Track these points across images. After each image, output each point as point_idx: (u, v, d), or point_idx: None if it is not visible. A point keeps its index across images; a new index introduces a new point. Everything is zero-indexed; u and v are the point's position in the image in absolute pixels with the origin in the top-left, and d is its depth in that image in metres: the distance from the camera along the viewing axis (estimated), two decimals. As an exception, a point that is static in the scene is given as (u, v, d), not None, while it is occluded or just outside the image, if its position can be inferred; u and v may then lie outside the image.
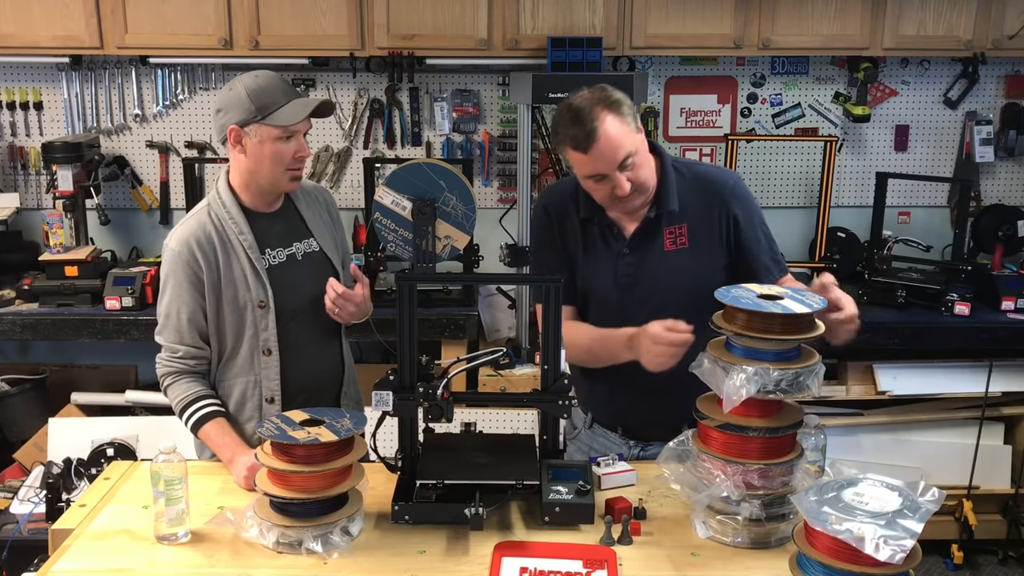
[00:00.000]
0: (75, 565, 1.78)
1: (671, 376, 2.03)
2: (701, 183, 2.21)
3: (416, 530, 1.88)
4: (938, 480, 3.52)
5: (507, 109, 4.08)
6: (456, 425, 2.12)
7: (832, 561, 1.50)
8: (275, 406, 2.27)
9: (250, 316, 2.24)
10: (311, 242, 2.35)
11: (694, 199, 2.19)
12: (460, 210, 2.18)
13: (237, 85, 2.17)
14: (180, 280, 2.20)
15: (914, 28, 3.76)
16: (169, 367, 2.23)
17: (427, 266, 2.21)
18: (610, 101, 2.03)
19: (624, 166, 2.03)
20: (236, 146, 2.19)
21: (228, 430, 2.18)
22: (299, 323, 2.30)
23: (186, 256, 2.19)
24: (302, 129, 2.21)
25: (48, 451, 3.59)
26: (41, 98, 4.02)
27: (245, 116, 2.15)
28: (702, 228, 2.18)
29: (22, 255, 3.92)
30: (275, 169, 2.19)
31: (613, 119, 2.01)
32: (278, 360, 2.27)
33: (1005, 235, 4.04)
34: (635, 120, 2.07)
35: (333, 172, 4.11)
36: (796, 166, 4.22)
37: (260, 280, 2.22)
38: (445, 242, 2.21)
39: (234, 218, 2.23)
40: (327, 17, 3.66)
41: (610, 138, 2.00)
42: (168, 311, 2.22)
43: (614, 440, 2.34)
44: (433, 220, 2.15)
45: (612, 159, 2.02)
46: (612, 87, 2.08)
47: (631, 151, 2.03)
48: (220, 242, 2.21)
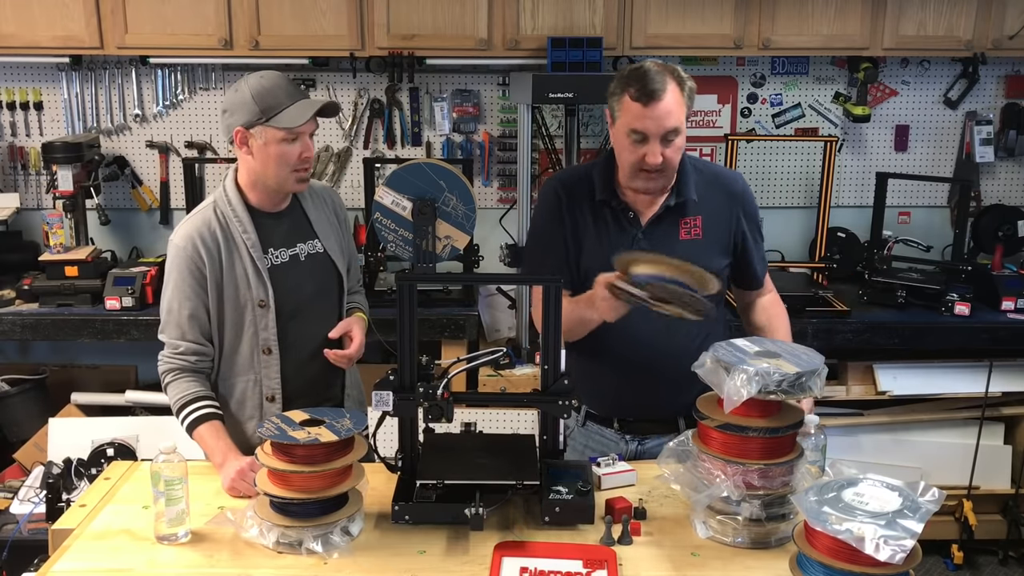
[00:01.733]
0: (75, 565, 1.78)
1: (665, 363, 2.14)
2: (717, 181, 2.27)
3: (416, 530, 1.88)
4: (938, 480, 3.52)
5: (507, 109, 4.08)
6: (456, 425, 2.12)
7: (832, 561, 1.50)
8: (276, 405, 2.27)
9: (250, 315, 2.24)
10: (315, 243, 2.35)
11: (710, 195, 2.24)
12: (460, 210, 2.18)
13: (243, 86, 2.18)
14: (183, 276, 2.20)
15: (914, 28, 3.76)
16: (170, 363, 2.23)
17: (427, 266, 2.21)
18: (679, 76, 2.11)
19: (667, 139, 2.09)
20: (242, 147, 2.20)
21: (222, 434, 2.16)
22: (299, 323, 2.30)
23: (190, 252, 2.20)
24: (307, 130, 2.21)
25: (48, 451, 3.59)
26: (41, 98, 4.02)
27: (250, 118, 2.16)
28: (715, 223, 2.23)
29: (22, 255, 3.92)
30: (281, 170, 2.20)
31: (678, 93, 2.09)
32: (278, 359, 2.27)
33: (1005, 235, 4.04)
34: (690, 106, 2.14)
35: (333, 172, 4.11)
36: (796, 166, 4.22)
37: (261, 279, 2.23)
38: (445, 242, 2.21)
39: (239, 216, 2.23)
40: (327, 17, 3.66)
41: (670, 104, 2.06)
42: (170, 307, 2.23)
43: (610, 436, 2.34)
44: (433, 220, 2.15)
45: (662, 124, 2.07)
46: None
47: (678, 127, 2.09)
48: (224, 239, 2.22)
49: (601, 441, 2.35)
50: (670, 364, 2.15)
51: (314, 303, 2.33)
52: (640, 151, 2.09)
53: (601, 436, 2.36)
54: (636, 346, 2.21)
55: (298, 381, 2.32)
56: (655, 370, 2.22)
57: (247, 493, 2.00)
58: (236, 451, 2.13)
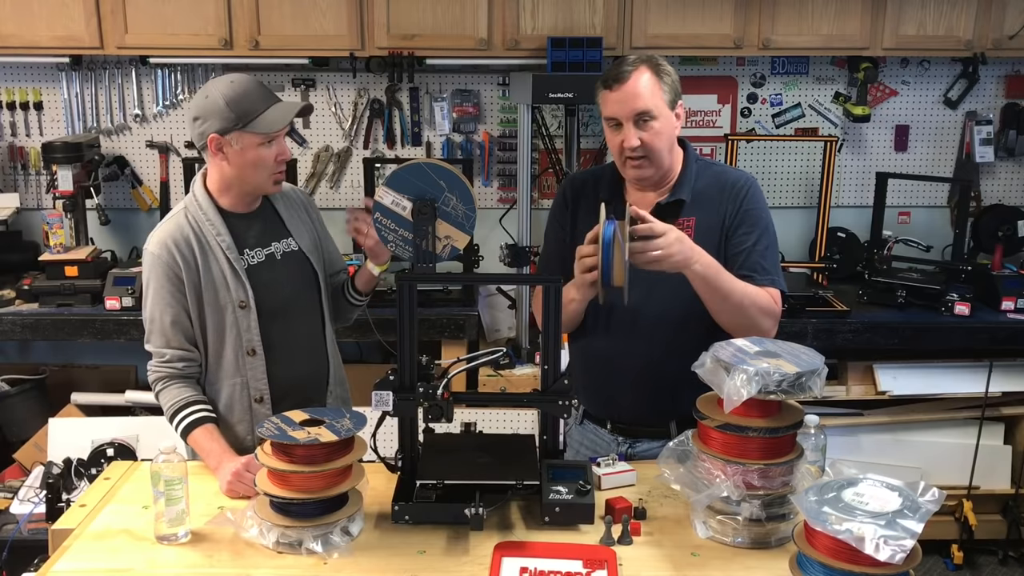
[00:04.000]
0: (75, 565, 1.78)
1: (659, 366, 2.17)
2: (717, 181, 2.25)
3: (416, 530, 1.88)
4: (938, 480, 3.52)
5: (507, 109, 4.08)
6: (456, 425, 2.12)
7: (832, 561, 1.50)
8: (264, 406, 2.27)
9: (231, 317, 2.23)
10: (289, 241, 2.34)
11: (707, 197, 2.23)
12: (460, 210, 2.18)
13: (213, 93, 2.15)
14: (162, 283, 2.19)
15: (914, 28, 3.76)
16: (159, 372, 2.23)
17: (427, 266, 2.20)
18: (656, 64, 2.14)
19: (639, 122, 2.10)
20: (217, 154, 2.18)
21: (216, 437, 2.16)
22: (281, 323, 2.30)
23: (166, 258, 2.18)
24: (283, 132, 2.20)
25: (48, 451, 3.59)
26: (41, 98, 4.02)
27: (225, 124, 2.14)
28: (707, 226, 2.21)
29: (22, 255, 3.92)
30: (259, 174, 2.20)
31: (650, 77, 2.11)
32: (263, 360, 2.26)
33: (1005, 235, 4.04)
34: (672, 95, 2.14)
35: (333, 172, 4.11)
36: (796, 166, 4.22)
37: (240, 280, 2.22)
38: (445, 242, 2.20)
39: (211, 220, 2.22)
40: (327, 17, 3.66)
41: (636, 87, 2.09)
42: (152, 316, 2.22)
43: (603, 436, 2.35)
44: (433, 220, 2.15)
45: (630, 106, 2.09)
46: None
47: (650, 109, 2.09)
48: (198, 244, 2.21)
49: (595, 440, 2.36)
50: (664, 371, 2.18)
51: (294, 301, 2.33)
52: (618, 138, 2.14)
53: (596, 436, 2.37)
54: (629, 354, 2.23)
55: (284, 381, 2.31)
56: (649, 377, 2.24)
57: (245, 494, 2.00)
58: (231, 452, 2.13)
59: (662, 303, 2.18)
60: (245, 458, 2.05)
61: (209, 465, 2.13)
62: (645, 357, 2.22)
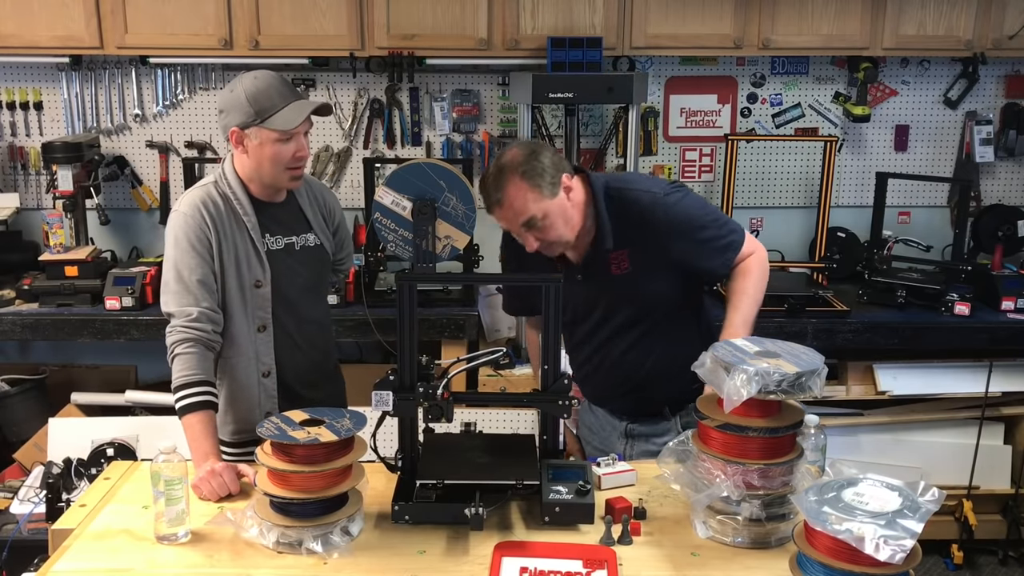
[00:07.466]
0: (75, 565, 1.78)
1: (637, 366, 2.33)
2: (631, 211, 2.24)
3: (416, 530, 1.88)
4: (938, 480, 3.52)
5: (507, 109, 4.08)
6: (456, 425, 2.13)
7: (832, 561, 1.50)
8: (271, 380, 2.31)
9: (248, 293, 2.27)
10: (309, 236, 2.38)
11: (627, 227, 2.25)
12: (460, 210, 2.18)
13: (237, 87, 2.20)
14: (191, 242, 2.20)
15: (914, 28, 3.76)
16: (185, 333, 2.17)
17: (427, 266, 2.21)
18: (526, 167, 2.12)
19: (529, 227, 2.15)
20: (238, 146, 2.24)
21: (210, 431, 2.13)
22: (292, 309, 2.34)
23: (197, 219, 2.21)
24: (302, 130, 2.23)
25: (48, 451, 3.59)
26: (41, 98, 4.02)
27: (245, 119, 2.18)
28: (639, 252, 2.26)
29: (22, 255, 3.92)
30: (275, 169, 2.23)
31: (521, 186, 2.11)
32: (272, 337, 2.31)
33: (1005, 235, 4.04)
34: (552, 181, 2.14)
35: (333, 172, 4.11)
36: (796, 166, 4.22)
37: (260, 259, 2.27)
38: (445, 242, 2.21)
39: (239, 199, 2.27)
40: (327, 17, 3.66)
41: (512, 204, 2.12)
42: (179, 275, 2.20)
43: (602, 417, 2.51)
44: (433, 220, 2.15)
45: (515, 221, 2.15)
46: (545, 145, 2.19)
47: (534, 215, 2.13)
48: (228, 213, 2.26)
49: (595, 422, 2.53)
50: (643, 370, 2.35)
51: (305, 291, 2.37)
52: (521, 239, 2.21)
53: (594, 416, 2.54)
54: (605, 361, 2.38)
55: (288, 362, 2.35)
56: (628, 377, 2.37)
57: (208, 496, 2.01)
58: (216, 452, 2.12)
59: (626, 312, 2.31)
60: (224, 464, 2.06)
61: (192, 456, 2.11)
62: (620, 360, 2.35)
